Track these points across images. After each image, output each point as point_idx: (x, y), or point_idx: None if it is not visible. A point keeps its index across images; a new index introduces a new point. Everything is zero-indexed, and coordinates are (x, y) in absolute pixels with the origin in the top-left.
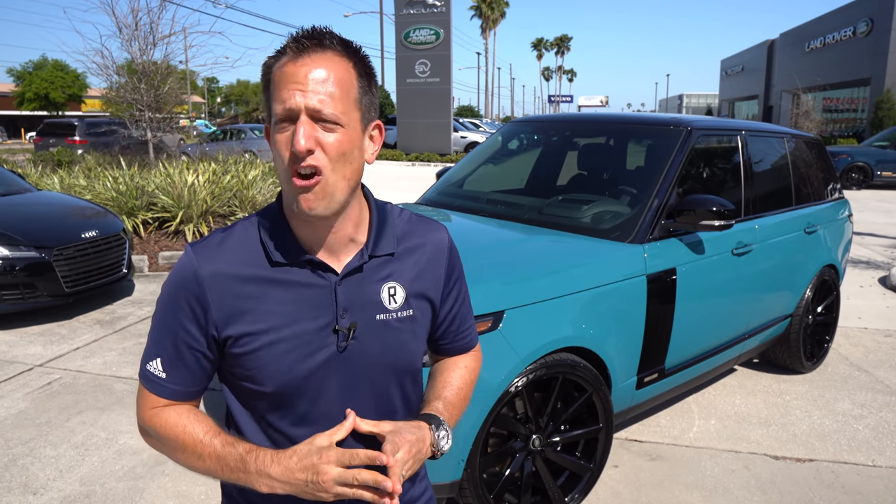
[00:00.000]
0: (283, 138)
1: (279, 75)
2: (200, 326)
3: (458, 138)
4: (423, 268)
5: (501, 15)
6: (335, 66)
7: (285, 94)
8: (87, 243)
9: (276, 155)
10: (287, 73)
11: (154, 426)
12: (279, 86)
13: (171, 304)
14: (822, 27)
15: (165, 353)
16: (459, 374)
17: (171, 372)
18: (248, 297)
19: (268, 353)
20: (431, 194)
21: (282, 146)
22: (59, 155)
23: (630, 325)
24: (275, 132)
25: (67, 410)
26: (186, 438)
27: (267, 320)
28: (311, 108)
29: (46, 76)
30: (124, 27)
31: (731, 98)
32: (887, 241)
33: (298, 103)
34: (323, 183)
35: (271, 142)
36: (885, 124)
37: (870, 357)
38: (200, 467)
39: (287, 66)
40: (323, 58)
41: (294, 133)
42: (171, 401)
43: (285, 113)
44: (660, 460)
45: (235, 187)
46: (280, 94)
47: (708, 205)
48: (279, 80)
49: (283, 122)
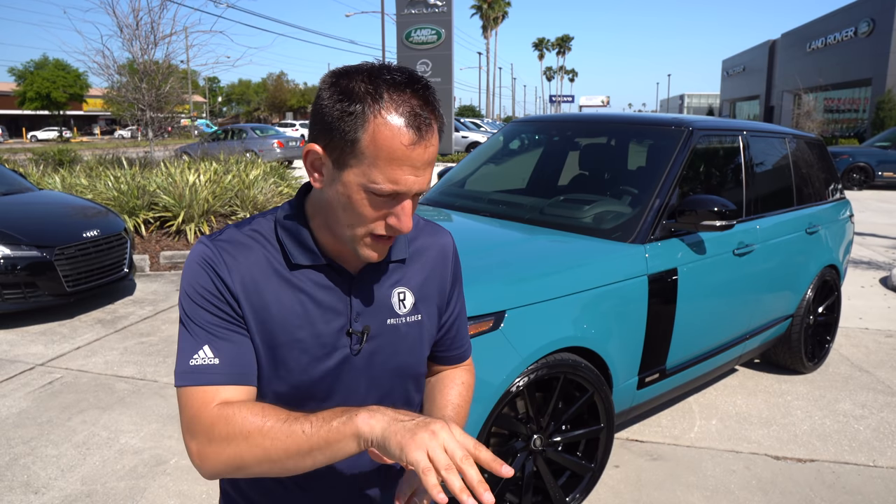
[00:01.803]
0: (376, 202)
1: (391, 149)
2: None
3: (459, 138)
4: (429, 273)
5: (503, 15)
6: (437, 140)
7: (398, 175)
8: (89, 243)
9: (354, 211)
10: (404, 155)
11: (227, 424)
12: (389, 160)
13: (202, 290)
14: (824, 27)
15: (210, 339)
16: (458, 391)
17: (223, 354)
18: (265, 297)
19: (282, 354)
20: (433, 194)
21: (369, 209)
22: (59, 154)
23: (631, 325)
24: (362, 193)
25: (69, 410)
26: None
27: (283, 321)
28: (419, 192)
29: (48, 75)
30: (125, 27)
31: (732, 98)
32: (888, 242)
33: (413, 188)
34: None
35: (335, 183)
36: (887, 125)
37: (871, 357)
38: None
39: (406, 148)
40: (435, 136)
41: (399, 213)
42: (233, 384)
43: (392, 190)
44: (661, 460)
45: (237, 187)
46: (392, 172)
47: (709, 205)
48: (390, 154)
49: (383, 196)
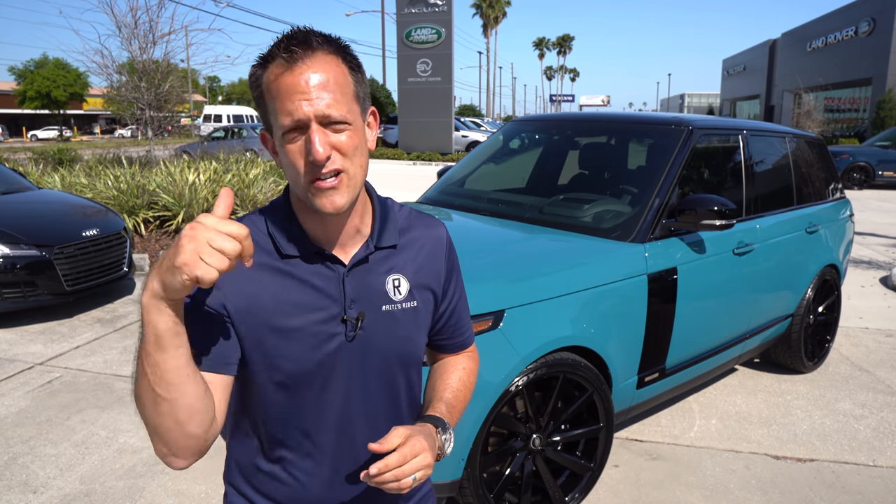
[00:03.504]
0: (294, 148)
1: (277, 86)
2: (222, 305)
3: (459, 137)
4: (423, 261)
5: (502, 14)
6: (329, 66)
7: (290, 106)
8: (88, 242)
9: (289, 164)
10: (286, 84)
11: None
12: (281, 97)
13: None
14: (824, 27)
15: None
16: (458, 376)
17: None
18: (257, 288)
19: (279, 343)
20: (433, 193)
21: (295, 155)
22: (59, 153)
23: (631, 324)
24: (283, 143)
25: (68, 409)
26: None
27: (277, 310)
28: (321, 115)
29: (48, 74)
30: (123, 26)
31: (732, 98)
32: (888, 241)
33: (307, 112)
34: (345, 179)
35: (278, 152)
36: (887, 124)
37: (871, 357)
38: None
39: (284, 77)
40: (315, 61)
41: (309, 142)
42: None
43: (294, 123)
44: (660, 460)
45: (236, 186)
46: (284, 106)
47: (709, 204)
48: (278, 90)
49: (292, 133)
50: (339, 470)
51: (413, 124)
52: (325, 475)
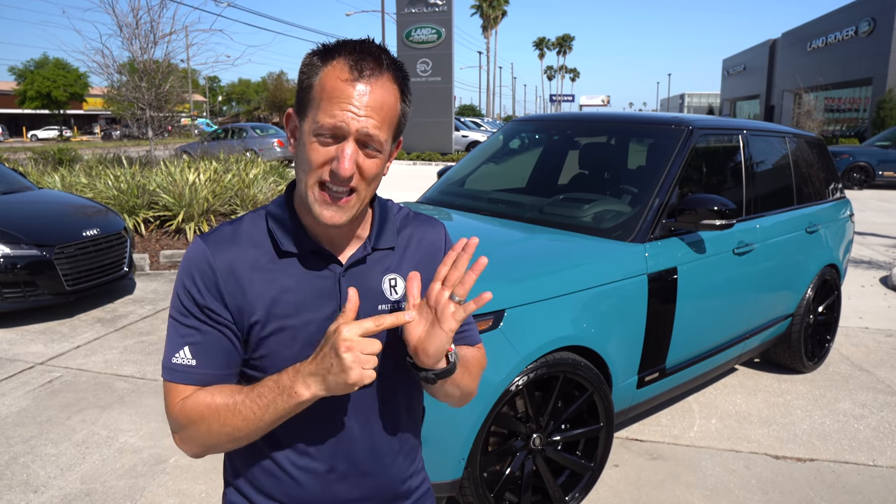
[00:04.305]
0: (321, 149)
1: (333, 86)
2: (224, 305)
3: (459, 137)
4: (420, 262)
5: (502, 14)
6: (388, 92)
7: (338, 112)
8: (89, 242)
9: (305, 158)
10: (343, 90)
11: (185, 413)
12: (333, 98)
13: (190, 288)
14: (825, 27)
15: (192, 340)
16: (471, 352)
17: (201, 357)
18: (256, 286)
19: (275, 341)
20: (433, 193)
21: (317, 154)
22: (59, 153)
23: (631, 324)
24: (311, 137)
25: (68, 409)
26: (219, 403)
27: (274, 308)
28: (363, 134)
29: (48, 74)
30: (125, 26)
31: (732, 98)
32: (889, 241)
33: (351, 126)
34: (354, 199)
35: (300, 140)
36: (887, 124)
37: (871, 357)
38: (242, 424)
39: (345, 83)
40: (380, 83)
41: (339, 154)
42: (207, 385)
43: (334, 130)
44: (660, 460)
45: (237, 186)
46: (332, 108)
47: (709, 204)
48: (333, 91)
49: (326, 136)
50: (337, 468)
51: (413, 124)
52: (324, 473)
